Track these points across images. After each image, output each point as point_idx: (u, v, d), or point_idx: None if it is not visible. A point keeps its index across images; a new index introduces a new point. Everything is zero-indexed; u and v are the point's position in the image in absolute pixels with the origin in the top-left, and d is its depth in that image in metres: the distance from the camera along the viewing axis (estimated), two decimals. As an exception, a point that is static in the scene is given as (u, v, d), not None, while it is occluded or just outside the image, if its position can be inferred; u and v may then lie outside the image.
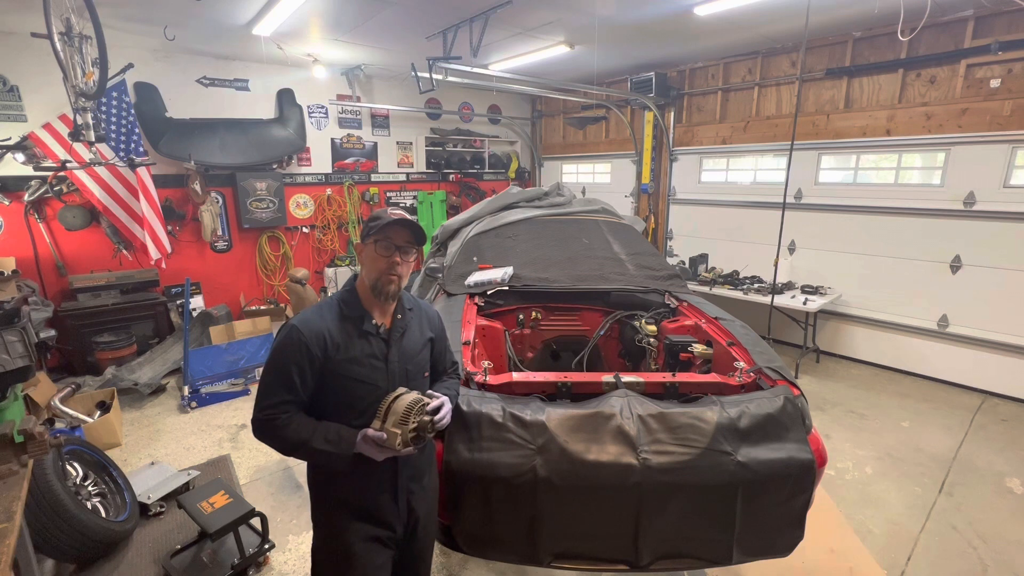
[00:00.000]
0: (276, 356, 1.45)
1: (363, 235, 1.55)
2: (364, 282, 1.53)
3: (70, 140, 3.73)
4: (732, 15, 4.38)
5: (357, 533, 1.53)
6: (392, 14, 4.31)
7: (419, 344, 1.63)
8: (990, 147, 4.35)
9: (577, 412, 1.82)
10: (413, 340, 1.61)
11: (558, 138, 8.54)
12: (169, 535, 2.91)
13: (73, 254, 5.24)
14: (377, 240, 1.49)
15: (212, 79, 5.83)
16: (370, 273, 1.50)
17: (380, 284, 1.49)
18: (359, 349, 1.49)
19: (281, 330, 1.48)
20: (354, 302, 1.53)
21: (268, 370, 1.45)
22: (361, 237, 1.55)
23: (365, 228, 1.55)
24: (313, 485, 1.60)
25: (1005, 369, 4.51)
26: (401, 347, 1.56)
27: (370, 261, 1.50)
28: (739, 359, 2.24)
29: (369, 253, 1.51)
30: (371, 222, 1.52)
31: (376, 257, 1.49)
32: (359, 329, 1.50)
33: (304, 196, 6.77)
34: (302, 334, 1.43)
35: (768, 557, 1.93)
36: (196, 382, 4.56)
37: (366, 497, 1.53)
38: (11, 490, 1.75)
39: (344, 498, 1.54)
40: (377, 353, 1.52)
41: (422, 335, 1.65)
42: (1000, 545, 2.80)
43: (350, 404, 1.49)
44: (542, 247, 3.58)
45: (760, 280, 5.59)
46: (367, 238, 1.52)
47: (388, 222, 1.48)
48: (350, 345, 1.48)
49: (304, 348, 1.42)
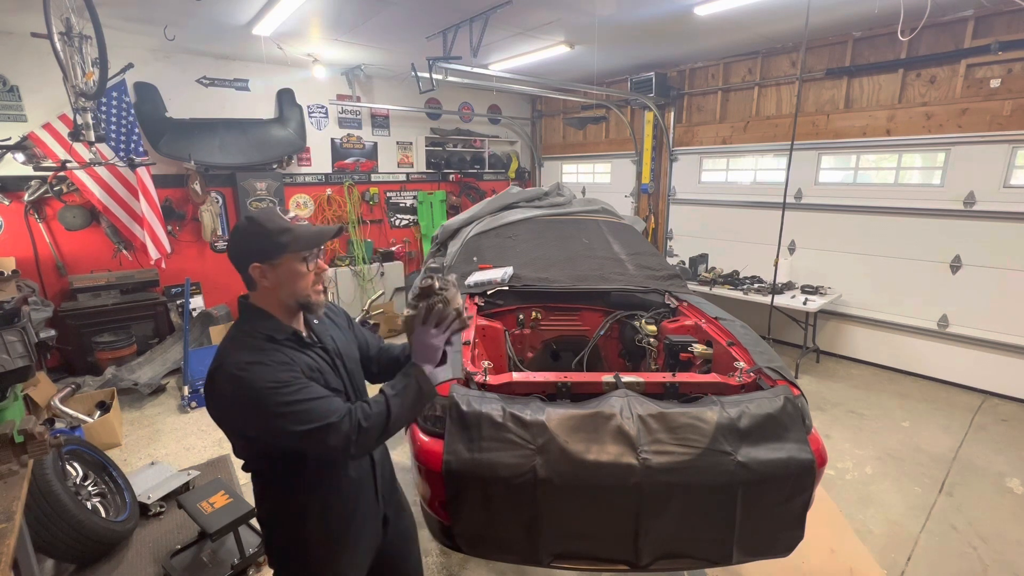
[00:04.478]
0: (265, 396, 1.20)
1: (266, 253, 1.28)
2: (276, 301, 1.33)
3: (70, 140, 3.73)
4: (732, 15, 4.37)
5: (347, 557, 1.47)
6: (392, 14, 4.30)
7: (348, 339, 1.54)
8: (990, 147, 4.35)
9: (577, 412, 1.81)
10: (340, 337, 1.51)
11: (558, 138, 8.54)
12: (169, 535, 2.91)
13: (73, 254, 5.24)
14: (306, 258, 1.31)
15: (212, 79, 5.82)
16: (294, 292, 1.31)
17: (312, 297, 1.34)
18: (308, 366, 1.32)
19: (237, 385, 1.21)
20: (275, 324, 1.33)
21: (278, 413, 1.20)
22: (260, 256, 1.28)
23: (268, 245, 1.27)
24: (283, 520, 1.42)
25: (1005, 369, 4.51)
26: (338, 347, 1.47)
27: (291, 279, 1.30)
28: (739, 359, 2.24)
29: (287, 271, 1.29)
30: (280, 236, 1.27)
31: (300, 273, 1.30)
32: (299, 346, 1.35)
33: (304, 196, 6.76)
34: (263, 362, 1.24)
35: (768, 557, 1.92)
36: (196, 382, 4.56)
37: (357, 506, 1.47)
38: (11, 490, 1.75)
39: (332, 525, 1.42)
40: (325, 361, 1.40)
41: (342, 330, 1.54)
42: (1000, 545, 2.80)
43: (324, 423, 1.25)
44: (542, 247, 3.59)
45: (760, 280, 5.59)
46: (278, 255, 1.28)
47: (325, 239, 1.34)
48: (304, 363, 1.32)
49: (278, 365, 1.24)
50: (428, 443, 1.83)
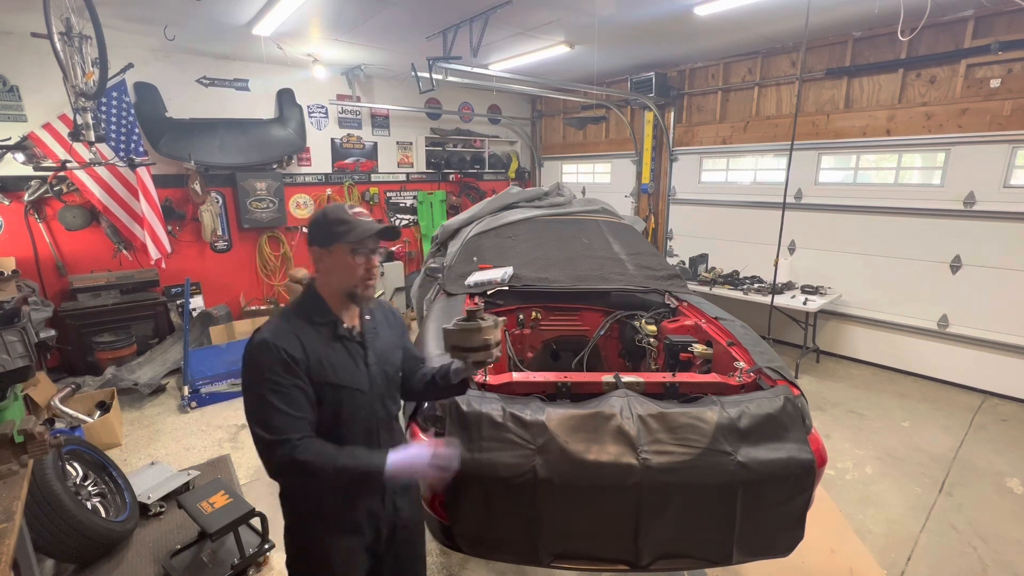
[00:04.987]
0: (258, 374, 1.32)
1: (324, 239, 1.40)
2: (330, 288, 1.44)
3: (70, 140, 3.73)
4: (732, 15, 4.37)
5: (336, 543, 1.48)
6: (392, 14, 4.31)
7: (392, 344, 1.59)
8: (990, 147, 4.35)
9: (577, 412, 1.82)
10: (386, 340, 1.57)
11: (558, 138, 8.54)
12: (169, 535, 2.91)
13: (73, 254, 5.24)
14: (355, 249, 1.40)
15: (212, 79, 5.82)
16: (344, 280, 1.41)
17: (360, 290, 1.43)
18: (337, 354, 1.42)
19: (251, 348, 1.35)
20: (322, 308, 1.44)
21: (258, 394, 1.31)
22: (319, 241, 1.41)
23: (326, 232, 1.40)
24: (290, 496, 1.52)
25: (1005, 369, 4.51)
26: (377, 348, 1.52)
27: (343, 268, 1.40)
28: (739, 359, 2.24)
29: (340, 259, 1.40)
30: (337, 227, 1.39)
31: (351, 264, 1.40)
32: (334, 334, 1.44)
33: (304, 196, 6.77)
34: (279, 345, 1.33)
35: (768, 557, 1.93)
36: (196, 382, 4.56)
37: (357, 505, 1.48)
38: (11, 490, 1.75)
39: (326, 507, 1.46)
40: (355, 357, 1.46)
41: (392, 335, 1.61)
42: (1000, 545, 2.80)
43: (338, 412, 1.42)
44: (542, 247, 3.58)
45: (760, 280, 5.59)
46: (334, 243, 1.39)
47: (370, 234, 1.40)
48: (328, 352, 1.41)
49: (286, 356, 1.33)
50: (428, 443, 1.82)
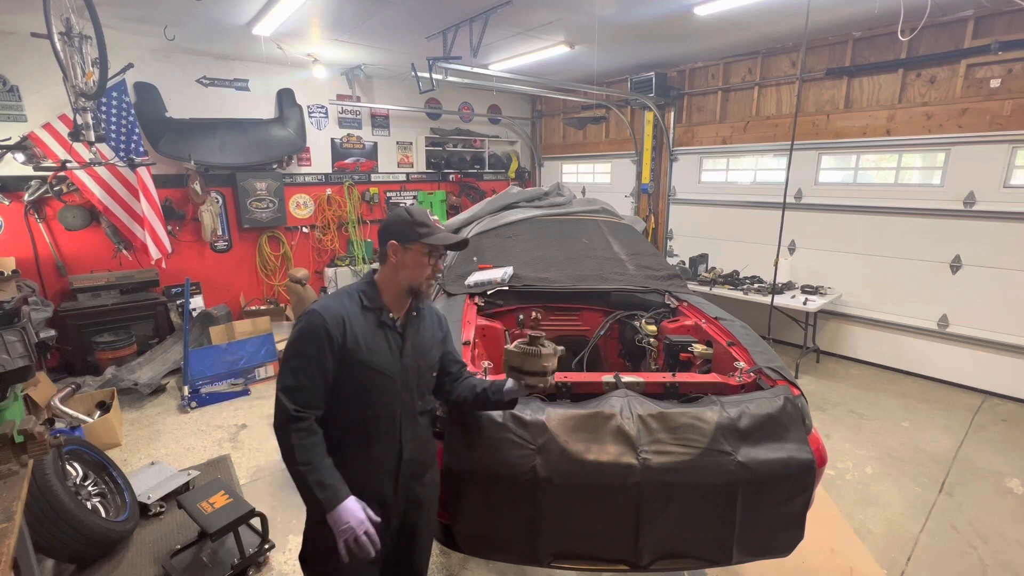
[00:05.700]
0: (300, 340, 1.47)
1: (404, 237, 1.54)
2: (393, 280, 1.57)
3: (70, 140, 3.73)
4: (732, 15, 4.37)
5: None
6: (392, 14, 4.30)
7: (431, 342, 1.69)
8: (990, 147, 4.35)
9: (577, 412, 1.82)
10: (426, 337, 1.67)
11: (558, 138, 8.54)
12: (169, 535, 2.91)
13: (73, 254, 5.24)
14: (431, 251, 1.55)
15: (212, 79, 5.83)
16: (411, 276, 1.55)
17: (423, 287, 1.58)
18: (377, 339, 1.54)
19: (302, 316, 1.51)
20: (375, 295, 1.57)
21: (293, 354, 1.47)
22: (400, 237, 1.54)
23: (408, 230, 1.54)
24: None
25: (1005, 369, 4.51)
26: (415, 342, 1.62)
27: (414, 265, 1.55)
28: (739, 359, 2.24)
29: (414, 257, 1.54)
30: (420, 228, 1.54)
31: (423, 264, 1.55)
32: (378, 320, 1.56)
33: (304, 196, 6.77)
34: (324, 319, 1.46)
35: (768, 557, 1.93)
36: (196, 382, 4.56)
37: (367, 488, 1.54)
38: (11, 490, 1.75)
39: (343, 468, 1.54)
40: (393, 345, 1.57)
41: (433, 335, 1.71)
42: (1000, 545, 2.80)
43: (364, 393, 1.53)
44: (542, 247, 3.58)
45: (760, 280, 5.59)
46: (413, 241, 1.53)
47: (447, 244, 1.57)
48: (368, 334, 1.53)
49: (326, 332, 1.45)
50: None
